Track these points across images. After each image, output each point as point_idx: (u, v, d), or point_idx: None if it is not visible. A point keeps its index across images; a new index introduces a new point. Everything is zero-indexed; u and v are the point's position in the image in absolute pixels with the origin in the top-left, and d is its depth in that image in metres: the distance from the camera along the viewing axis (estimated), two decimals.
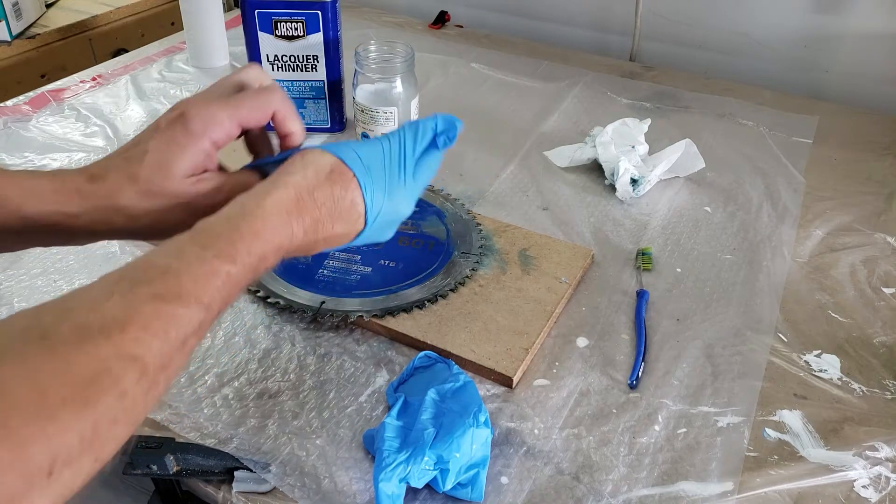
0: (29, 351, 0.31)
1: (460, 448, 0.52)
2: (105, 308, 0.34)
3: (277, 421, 0.59)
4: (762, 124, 1.04)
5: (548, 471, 0.56)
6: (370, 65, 0.88)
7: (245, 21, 0.93)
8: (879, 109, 1.11)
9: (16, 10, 1.37)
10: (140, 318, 0.35)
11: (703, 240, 0.81)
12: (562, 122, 1.05)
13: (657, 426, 0.60)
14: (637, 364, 0.64)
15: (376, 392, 0.62)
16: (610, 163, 0.89)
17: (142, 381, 0.34)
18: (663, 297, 0.73)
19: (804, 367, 0.66)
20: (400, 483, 0.50)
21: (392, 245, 0.76)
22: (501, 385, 0.63)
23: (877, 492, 0.55)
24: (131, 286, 0.36)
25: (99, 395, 0.32)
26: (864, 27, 1.10)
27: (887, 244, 0.81)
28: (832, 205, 0.88)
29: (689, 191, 0.90)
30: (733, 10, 1.18)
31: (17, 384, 0.30)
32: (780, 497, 0.54)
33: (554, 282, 0.72)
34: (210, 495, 0.55)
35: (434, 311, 0.68)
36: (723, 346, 0.67)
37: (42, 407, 0.30)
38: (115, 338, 0.33)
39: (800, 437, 0.59)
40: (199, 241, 0.40)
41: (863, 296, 0.74)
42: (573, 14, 1.32)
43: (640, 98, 1.11)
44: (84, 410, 0.31)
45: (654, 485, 0.55)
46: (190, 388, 0.62)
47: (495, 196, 0.88)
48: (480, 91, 1.13)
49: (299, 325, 0.68)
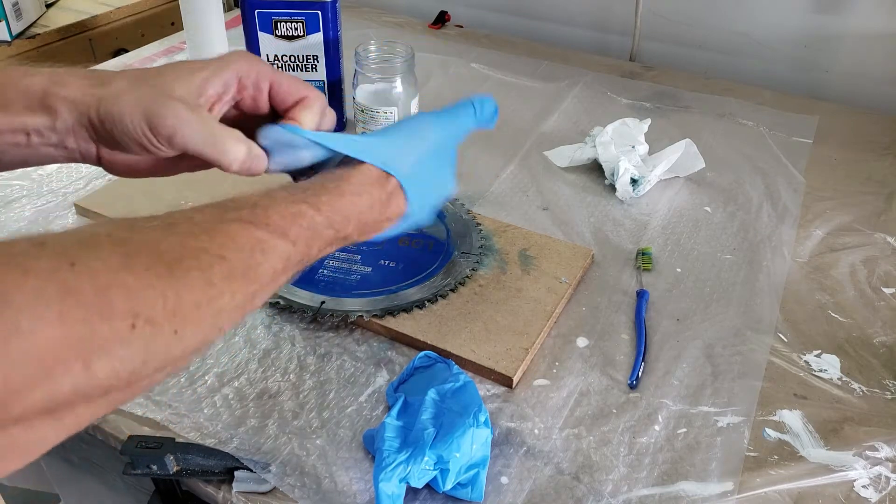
0: (119, 233, 0.33)
1: (460, 448, 0.52)
2: (196, 218, 0.36)
3: (277, 421, 0.59)
4: (762, 124, 1.04)
5: (548, 471, 0.56)
6: (370, 65, 0.88)
7: (245, 21, 0.93)
8: (879, 109, 1.11)
9: (16, 10, 1.37)
10: (229, 231, 0.37)
11: (703, 240, 0.81)
12: (562, 122, 1.05)
13: (657, 426, 0.60)
14: (637, 364, 0.64)
15: (376, 392, 0.62)
16: (610, 163, 0.89)
17: (230, 281, 0.35)
18: (663, 297, 0.73)
19: (804, 367, 0.66)
20: (400, 483, 0.50)
21: (392, 245, 0.76)
22: (501, 385, 0.63)
23: (877, 492, 0.55)
24: (222, 211, 0.38)
25: (185, 272, 0.33)
26: (864, 27, 1.10)
27: (887, 244, 0.81)
28: (832, 205, 0.88)
29: (689, 191, 0.90)
30: (733, 10, 1.18)
31: (106, 248, 0.31)
32: (780, 497, 0.54)
33: (554, 282, 0.72)
34: (210, 495, 0.55)
35: (434, 311, 0.68)
36: (723, 346, 0.67)
37: (126, 266, 0.31)
38: (202, 238, 0.35)
39: (800, 437, 0.59)
40: (288, 188, 0.42)
41: (863, 296, 0.74)
42: (573, 14, 1.32)
43: (640, 98, 1.11)
44: (168, 277, 0.32)
45: (654, 485, 0.55)
46: (190, 388, 0.62)
47: (495, 196, 0.88)
48: (480, 91, 1.13)
49: (299, 325, 0.68)
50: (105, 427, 0.59)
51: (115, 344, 0.29)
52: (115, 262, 0.31)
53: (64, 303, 0.28)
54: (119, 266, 0.31)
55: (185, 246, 0.34)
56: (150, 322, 0.31)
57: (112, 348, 0.29)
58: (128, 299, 0.30)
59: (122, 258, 0.31)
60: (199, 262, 0.34)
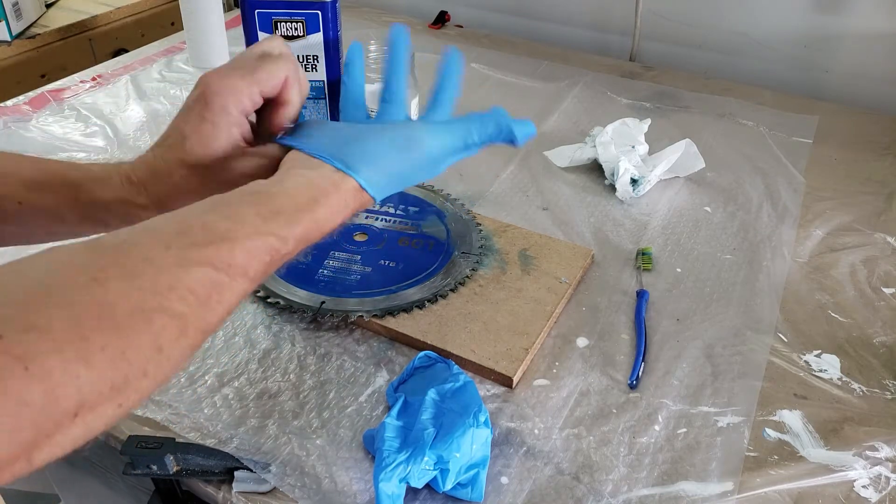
0: (77, 295, 0.32)
1: (460, 448, 0.52)
2: (156, 260, 0.35)
3: (277, 421, 0.59)
4: (762, 124, 1.04)
5: (548, 471, 0.56)
6: (370, 65, 0.88)
7: (245, 21, 0.92)
8: (879, 109, 1.11)
9: (16, 10, 1.37)
10: (191, 280, 0.35)
11: (703, 240, 0.81)
12: (562, 122, 1.05)
13: (657, 426, 0.60)
14: (637, 364, 0.64)
15: (376, 392, 0.62)
16: (610, 163, 0.89)
17: (180, 340, 0.35)
18: (663, 297, 0.73)
19: (804, 367, 0.66)
20: (400, 483, 0.50)
21: (392, 245, 0.76)
22: (501, 385, 0.63)
23: (877, 492, 0.55)
24: (188, 245, 0.37)
25: (138, 347, 0.33)
26: (864, 27, 1.10)
27: (887, 244, 0.81)
28: (832, 205, 0.88)
29: (689, 191, 0.90)
30: (733, 10, 1.18)
31: (62, 326, 0.30)
32: (780, 497, 0.54)
33: (554, 282, 0.72)
34: (210, 495, 0.55)
35: (434, 311, 0.68)
36: (723, 346, 0.67)
37: (81, 352, 0.31)
38: (161, 292, 0.34)
39: (800, 437, 0.59)
40: (261, 213, 0.41)
41: (863, 296, 0.74)
42: (573, 14, 1.32)
43: (640, 98, 1.11)
44: (120, 361, 0.32)
45: (654, 485, 0.55)
46: (190, 388, 0.62)
47: (495, 196, 0.88)
48: (480, 91, 1.13)
49: (299, 325, 0.68)
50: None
51: (57, 435, 0.30)
52: (71, 346, 0.30)
53: (18, 414, 0.28)
54: (74, 354, 0.30)
55: (142, 307, 0.33)
56: (93, 408, 0.31)
57: (54, 439, 0.30)
58: (76, 396, 0.30)
59: (80, 341, 0.31)
60: (151, 325, 0.33)
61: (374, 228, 0.79)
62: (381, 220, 0.80)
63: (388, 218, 0.80)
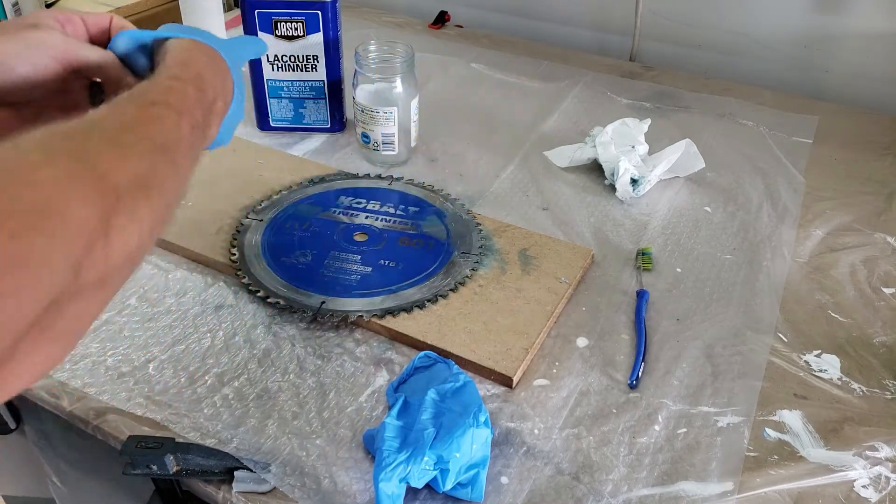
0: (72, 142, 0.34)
1: (460, 448, 0.52)
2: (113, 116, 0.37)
3: (277, 421, 0.59)
4: (762, 124, 1.04)
5: (548, 471, 0.56)
6: (370, 65, 0.88)
7: (245, 21, 0.92)
8: (879, 109, 1.11)
9: (16, 9, 1.37)
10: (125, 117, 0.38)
11: (703, 240, 0.81)
12: (562, 122, 1.05)
13: (657, 426, 0.60)
14: (637, 364, 0.64)
15: (376, 392, 0.62)
16: (610, 163, 0.89)
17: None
18: (663, 297, 0.73)
19: (804, 367, 0.66)
20: (400, 483, 0.50)
21: (392, 245, 0.76)
22: (501, 385, 0.63)
23: (877, 492, 0.55)
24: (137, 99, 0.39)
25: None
26: (864, 27, 1.10)
27: (887, 244, 0.81)
28: (832, 205, 0.88)
29: (689, 191, 0.90)
30: (733, 10, 1.18)
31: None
32: (780, 497, 0.54)
33: (554, 282, 0.72)
34: (210, 495, 0.55)
35: (434, 311, 0.68)
36: (723, 346, 0.67)
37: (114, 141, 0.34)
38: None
39: (800, 437, 0.59)
40: (141, 87, 0.42)
41: (863, 296, 0.74)
42: (573, 14, 1.32)
43: (640, 98, 1.11)
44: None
45: (654, 485, 0.55)
46: (190, 388, 0.62)
47: (495, 196, 0.88)
48: (480, 91, 1.13)
49: (299, 325, 0.68)
50: (105, 427, 0.59)
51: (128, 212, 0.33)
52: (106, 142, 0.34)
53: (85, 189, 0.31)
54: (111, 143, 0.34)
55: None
56: (126, 193, 0.33)
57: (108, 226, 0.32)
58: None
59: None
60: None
61: (374, 228, 0.79)
62: (381, 220, 0.80)
63: (388, 218, 0.80)
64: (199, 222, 0.79)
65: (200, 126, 0.43)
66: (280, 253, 0.75)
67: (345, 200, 0.83)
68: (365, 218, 0.80)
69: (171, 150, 0.39)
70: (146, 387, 0.62)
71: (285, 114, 0.98)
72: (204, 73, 0.46)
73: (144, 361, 0.64)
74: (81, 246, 0.30)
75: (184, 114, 0.41)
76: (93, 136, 0.34)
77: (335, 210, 0.81)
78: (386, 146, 0.91)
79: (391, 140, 0.91)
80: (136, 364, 0.64)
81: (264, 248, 0.75)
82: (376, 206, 0.82)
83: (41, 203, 0.29)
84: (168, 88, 0.42)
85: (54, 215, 0.29)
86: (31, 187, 0.29)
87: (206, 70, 0.47)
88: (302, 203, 0.82)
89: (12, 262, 0.27)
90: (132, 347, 0.66)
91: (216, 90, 0.47)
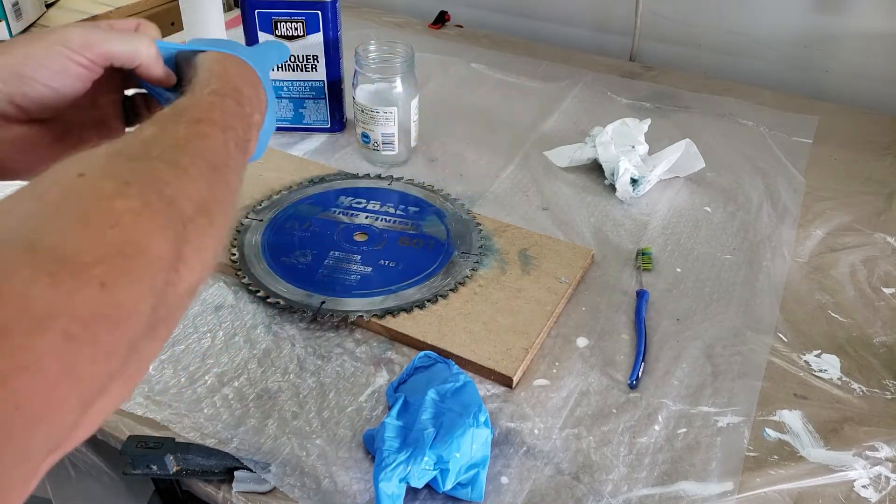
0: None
1: (460, 448, 0.52)
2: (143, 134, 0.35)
3: (277, 421, 0.59)
4: (762, 124, 1.04)
5: (548, 471, 0.56)
6: (370, 65, 0.88)
7: (245, 21, 0.92)
8: (879, 109, 1.11)
9: (16, 10, 1.37)
10: (199, 133, 0.37)
11: (703, 240, 0.81)
12: (562, 122, 1.05)
13: (657, 426, 0.60)
14: (637, 364, 0.64)
15: (376, 392, 0.62)
16: (610, 163, 0.89)
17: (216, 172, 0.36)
18: (663, 297, 0.73)
19: (804, 367, 0.66)
20: (400, 483, 0.50)
21: (392, 245, 0.76)
22: (501, 385, 0.63)
23: (877, 492, 0.55)
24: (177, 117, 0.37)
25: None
26: (864, 27, 1.10)
27: (887, 244, 0.81)
28: (832, 205, 0.88)
29: (689, 191, 0.90)
30: (733, 10, 1.18)
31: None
32: (780, 497, 0.54)
33: (554, 282, 0.72)
34: (210, 495, 0.55)
35: (434, 311, 0.68)
36: (723, 346, 0.67)
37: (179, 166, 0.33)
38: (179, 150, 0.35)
39: (800, 437, 0.59)
40: (181, 103, 0.40)
41: (863, 296, 0.74)
42: (573, 14, 1.32)
43: (640, 98, 1.11)
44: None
45: (654, 485, 0.55)
46: (190, 387, 0.62)
47: (495, 196, 0.88)
48: (480, 91, 1.13)
49: (299, 325, 0.68)
50: (105, 427, 0.59)
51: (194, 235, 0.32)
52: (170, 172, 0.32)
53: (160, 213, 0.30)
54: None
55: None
56: (190, 220, 0.32)
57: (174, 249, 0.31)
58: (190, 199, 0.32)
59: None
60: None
61: (374, 228, 0.79)
62: (381, 220, 0.80)
63: (388, 218, 0.80)
64: None
65: (243, 141, 0.41)
66: (280, 253, 0.75)
67: (345, 200, 0.83)
68: (365, 218, 0.80)
69: (222, 170, 0.36)
70: (146, 387, 0.62)
71: (285, 114, 0.98)
72: (241, 86, 0.44)
73: None
74: (161, 284, 0.28)
75: (228, 130, 0.39)
76: (153, 157, 0.32)
77: (335, 210, 0.81)
78: (386, 146, 0.91)
79: (391, 140, 0.91)
80: None
81: (264, 248, 0.75)
82: (376, 206, 0.82)
83: (125, 242, 0.27)
84: (210, 104, 0.40)
85: (139, 255, 0.27)
86: (112, 224, 0.27)
87: (243, 83, 0.45)
88: (302, 203, 0.82)
89: (107, 318, 0.25)
90: None
91: (252, 103, 0.45)
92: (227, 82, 0.43)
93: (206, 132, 0.37)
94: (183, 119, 0.37)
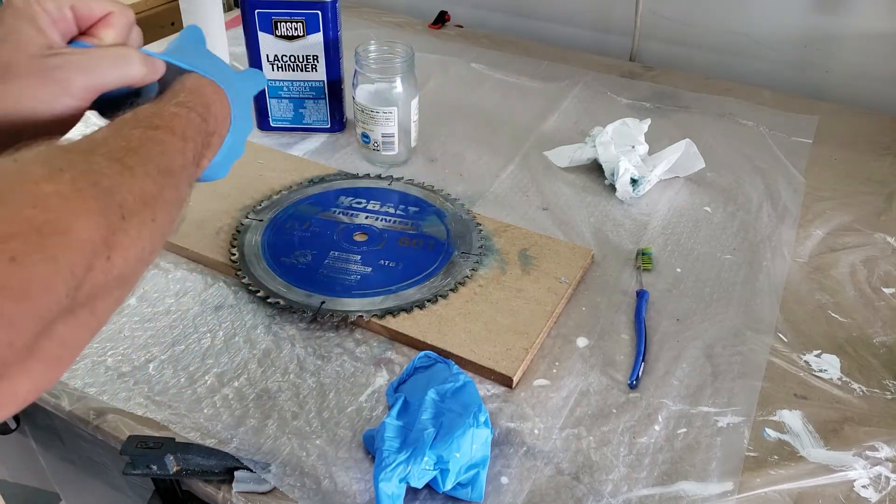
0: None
1: (460, 448, 0.52)
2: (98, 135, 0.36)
3: (277, 421, 0.59)
4: (762, 124, 1.04)
5: (548, 471, 0.56)
6: (370, 65, 0.88)
7: (245, 21, 0.92)
8: (879, 109, 1.11)
9: None
10: (154, 138, 0.38)
11: (703, 240, 0.81)
12: (562, 122, 1.05)
13: (657, 426, 0.60)
14: (637, 364, 0.64)
15: (376, 392, 0.62)
16: (610, 163, 0.89)
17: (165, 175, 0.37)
18: (663, 297, 0.73)
19: (804, 367, 0.66)
20: (400, 483, 0.50)
21: (392, 245, 0.76)
22: (501, 385, 0.63)
23: (877, 492, 0.55)
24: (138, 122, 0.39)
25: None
26: (864, 27, 1.10)
27: (887, 244, 0.81)
28: (832, 205, 0.88)
29: (689, 191, 0.90)
30: (733, 10, 1.18)
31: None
32: (780, 497, 0.54)
33: (554, 282, 0.72)
34: (210, 495, 0.55)
35: (434, 311, 0.68)
36: (723, 346, 0.67)
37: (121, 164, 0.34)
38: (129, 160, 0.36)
39: (800, 437, 0.59)
40: (143, 111, 0.41)
41: (863, 296, 0.74)
42: (573, 14, 1.32)
43: (640, 98, 1.11)
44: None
45: (654, 485, 0.55)
46: (190, 388, 0.62)
47: (495, 196, 0.88)
48: (480, 91, 1.13)
49: (299, 325, 0.68)
50: (105, 427, 0.59)
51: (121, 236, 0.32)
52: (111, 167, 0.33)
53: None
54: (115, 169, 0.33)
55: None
56: (131, 213, 0.33)
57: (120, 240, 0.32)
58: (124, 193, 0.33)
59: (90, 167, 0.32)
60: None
61: (374, 228, 0.79)
62: (381, 220, 0.80)
63: (388, 218, 0.80)
64: (200, 222, 0.79)
65: (198, 155, 0.43)
66: (280, 253, 0.75)
67: (345, 200, 0.83)
68: (365, 218, 0.80)
69: (175, 175, 0.38)
70: (146, 387, 0.62)
71: (285, 114, 0.98)
72: (211, 104, 0.46)
73: (144, 361, 0.64)
74: (83, 266, 0.29)
75: (188, 140, 0.41)
76: (96, 154, 0.33)
77: (335, 210, 0.81)
78: (386, 146, 0.91)
79: (391, 140, 0.91)
80: (136, 364, 0.64)
81: (264, 248, 0.75)
82: (376, 206, 0.82)
83: (45, 221, 0.27)
84: (173, 115, 0.42)
85: (58, 235, 0.28)
86: (35, 204, 0.28)
87: (213, 102, 0.47)
88: (302, 203, 0.82)
89: (11, 289, 0.26)
90: (132, 347, 0.66)
91: (217, 124, 0.47)
92: (198, 98, 0.45)
93: (161, 138, 0.39)
94: (141, 124, 0.39)
